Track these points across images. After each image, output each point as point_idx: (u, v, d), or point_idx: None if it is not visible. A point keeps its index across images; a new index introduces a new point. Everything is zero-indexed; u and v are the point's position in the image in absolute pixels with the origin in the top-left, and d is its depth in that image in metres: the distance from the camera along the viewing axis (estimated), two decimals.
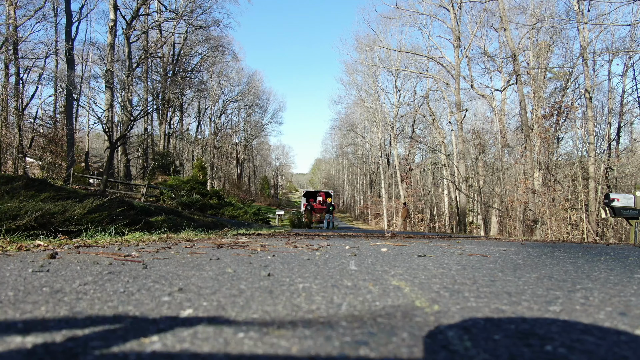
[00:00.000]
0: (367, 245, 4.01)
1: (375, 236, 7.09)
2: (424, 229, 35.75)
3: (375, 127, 40.67)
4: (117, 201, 7.49)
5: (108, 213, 4.45)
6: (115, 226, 4.31)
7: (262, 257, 2.50)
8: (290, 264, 2.19)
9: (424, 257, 2.84)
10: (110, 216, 4.48)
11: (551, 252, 3.60)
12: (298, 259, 2.46)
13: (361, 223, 48.39)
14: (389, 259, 2.65)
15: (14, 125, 19.90)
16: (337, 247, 3.64)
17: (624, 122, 26.14)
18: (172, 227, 7.76)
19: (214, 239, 4.39)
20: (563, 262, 2.55)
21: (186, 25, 31.57)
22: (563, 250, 3.88)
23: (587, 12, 22.13)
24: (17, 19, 20.33)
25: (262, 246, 3.38)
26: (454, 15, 24.01)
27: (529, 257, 2.95)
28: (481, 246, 4.32)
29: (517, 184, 17.71)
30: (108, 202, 5.42)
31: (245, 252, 2.85)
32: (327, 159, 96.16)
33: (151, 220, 7.30)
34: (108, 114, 22.50)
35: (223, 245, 3.44)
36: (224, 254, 2.65)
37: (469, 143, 20.11)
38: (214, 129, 56.09)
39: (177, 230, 7.80)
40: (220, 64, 44.86)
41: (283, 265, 2.15)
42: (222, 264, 2.15)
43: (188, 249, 3.04)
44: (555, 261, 2.65)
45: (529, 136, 15.17)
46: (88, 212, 4.07)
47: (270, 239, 4.77)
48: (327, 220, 19.93)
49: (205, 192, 19.38)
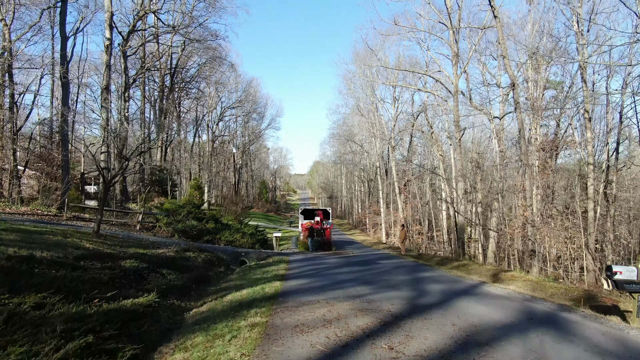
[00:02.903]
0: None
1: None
2: (422, 241, 35.63)
3: (373, 137, 40.51)
4: (108, 268, 7.31)
5: (96, 335, 4.23)
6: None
7: None
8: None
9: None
10: (98, 337, 4.27)
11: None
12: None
13: (359, 232, 48.26)
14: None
15: (9, 147, 19.66)
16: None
17: (622, 138, 26.06)
18: (166, 291, 7.59)
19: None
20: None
21: (183, 38, 31.29)
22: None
23: (587, 32, 22.04)
24: (11, 40, 20.07)
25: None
26: (452, 32, 23.85)
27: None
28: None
29: (516, 213, 17.60)
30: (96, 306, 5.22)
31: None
32: (325, 163, 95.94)
33: (146, 288, 7.12)
34: (104, 131, 22.28)
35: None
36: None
37: (468, 163, 19.95)
38: (211, 136, 55.85)
39: (169, 294, 7.64)
40: (217, 74, 44.63)
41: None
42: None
43: None
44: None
45: (528, 165, 15.03)
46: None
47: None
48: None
49: (201, 216, 19.20)
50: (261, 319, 5.73)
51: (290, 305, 6.67)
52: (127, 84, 27.29)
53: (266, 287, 8.57)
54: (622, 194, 25.85)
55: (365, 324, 5.46)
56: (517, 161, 16.60)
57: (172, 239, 16.68)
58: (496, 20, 16.07)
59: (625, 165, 25.60)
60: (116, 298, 5.81)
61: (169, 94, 38.02)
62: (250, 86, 59.94)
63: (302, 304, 6.80)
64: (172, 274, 8.98)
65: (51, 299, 4.97)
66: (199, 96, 46.49)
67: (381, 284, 9.31)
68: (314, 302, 7.00)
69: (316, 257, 17.18)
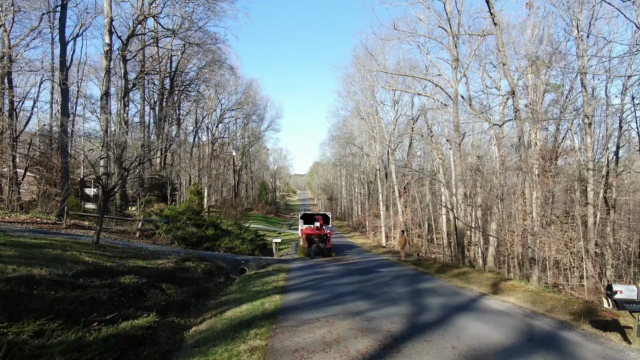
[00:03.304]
0: None
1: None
2: (422, 244, 35.63)
3: (373, 140, 40.50)
4: (107, 285, 7.29)
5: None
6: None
7: None
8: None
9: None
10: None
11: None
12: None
13: (359, 235, 48.24)
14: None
15: (8, 153, 19.63)
16: None
17: (622, 142, 26.01)
18: (165, 308, 7.58)
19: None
20: None
21: (183, 42, 31.26)
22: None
23: (587, 38, 22.03)
24: (10, 46, 20.04)
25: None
26: (452, 37, 23.82)
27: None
28: None
29: (516, 216, 17.60)
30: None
31: None
32: (325, 164, 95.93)
33: (145, 306, 7.11)
34: (104, 136, 22.26)
35: None
36: None
37: (467, 171, 19.94)
38: (211, 138, 55.84)
39: (169, 311, 7.63)
40: (217, 76, 44.62)
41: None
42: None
43: None
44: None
45: (528, 173, 15.03)
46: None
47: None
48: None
49: (201, 222, 19.18)
50: (261, 341, 5.71)
51: (289, 325, 6.66)
52: (126, 88, 27.25)
53: (266, 302, 8.56)
54: (622, 198, 25.88)
55: (365, 348, 5.45)
56: (517, 169, 16.59)
57: (171, 247, 16.67)
58: (496, 28, 16.05)
59: (625, 169, 25.60)
60: (115, 320, 5.80)
61: (168, 96, 38.00)
62: (250, 88, 59.98)
63: (302, 323, 6.78)
64: (172, 288, 8.96)
65: (50, 324, 4.95)
66: (198, 98, 46.47)
67: (381, 297, 9.30)
68: (314, 320, 6.98)
69: (316, 265, 17.17)
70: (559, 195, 25.12)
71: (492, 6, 16.18)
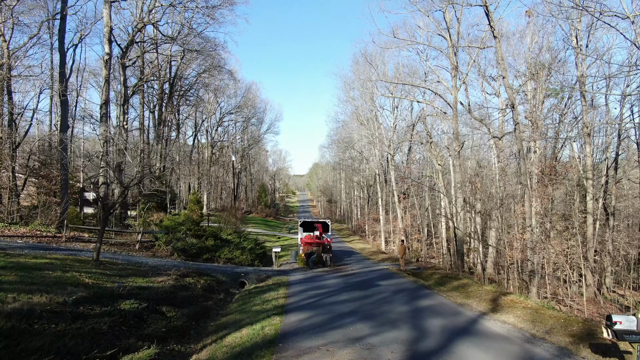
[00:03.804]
0: None
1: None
2: (421, 249, 35.65)
3: (372, 145, 40.53)
4: (107, 314, 7.29)
5: None
6: None
7: None
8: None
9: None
10: None
11: None
12: None
13: (358, 239, 48.27)
14: None
15: (7, 164, 19.62)
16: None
17: (621, 150, 26.04)
18: (165, 335, 7.59)
19: None
20: None
21: (182, 48, 31.25)
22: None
23: (586, 48, 22.07)
24: (10, 56, 20.03)
25: None
26: (451, 46, 23.86)
27: None
28: None
29: (515, 225, 17.63)
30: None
31: None
32: (324, 166, 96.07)
33: (146, 334, 7.11)
34: (103, 147, 22.26)
35: None
36: None
37: (467, 182, 19.96)
38: (210, 141, 55.86)
39: (169, 338, 7.63)
40: (216, 80, 44.64)
41: None
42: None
43: None
44: None
45: (527, 187, 15.06)
46: None
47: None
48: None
49: (200, 233, 19.20)
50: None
51: (289, 355, 6.68)
52: (125, 95, 27.26)
53: (266, 325, 8.59)
54: (621, 204, 25.92)
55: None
56: (517, 178, 16.61)
57: (171, 260, 16.67)
58: (495, 40, 16.08)
59: (625, 176, 25.64)
60: (116, 356, 5.81)
61: (168, 102, 38.01)
62: (249, 91, 60.01)
63: (303, 353, 6.80)
64: (172, 311, 8.98)
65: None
66: (197, 102, 46.49)
67: (381, 318, 9.33)
68: (314, 349, 7.00)
69: (315, 277, 17.19)
70: (558, 202, 25.17)
71: (491, 19, 16.21)
